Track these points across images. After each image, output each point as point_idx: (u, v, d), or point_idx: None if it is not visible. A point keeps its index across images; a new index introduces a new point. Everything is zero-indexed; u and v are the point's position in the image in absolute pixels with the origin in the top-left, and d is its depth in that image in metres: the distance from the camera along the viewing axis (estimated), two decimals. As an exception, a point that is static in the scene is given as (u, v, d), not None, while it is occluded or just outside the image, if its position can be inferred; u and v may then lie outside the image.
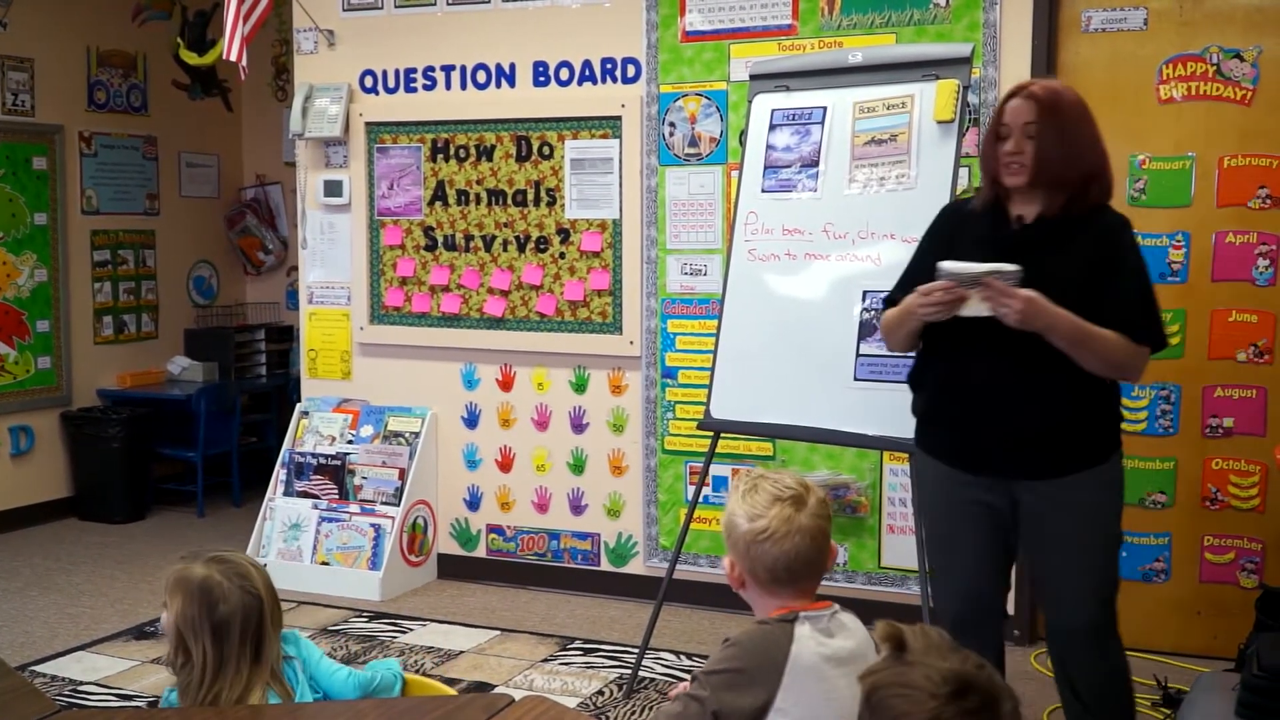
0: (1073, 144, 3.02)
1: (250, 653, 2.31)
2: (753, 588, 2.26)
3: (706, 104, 5.15)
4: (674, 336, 5.26)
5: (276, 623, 2.40)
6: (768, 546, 2.21)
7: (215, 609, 2.33)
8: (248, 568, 2.40)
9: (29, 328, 6.84)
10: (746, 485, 2.28)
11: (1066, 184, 3.03)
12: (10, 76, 6.71)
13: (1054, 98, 3.04)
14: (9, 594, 5.57)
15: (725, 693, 2.12)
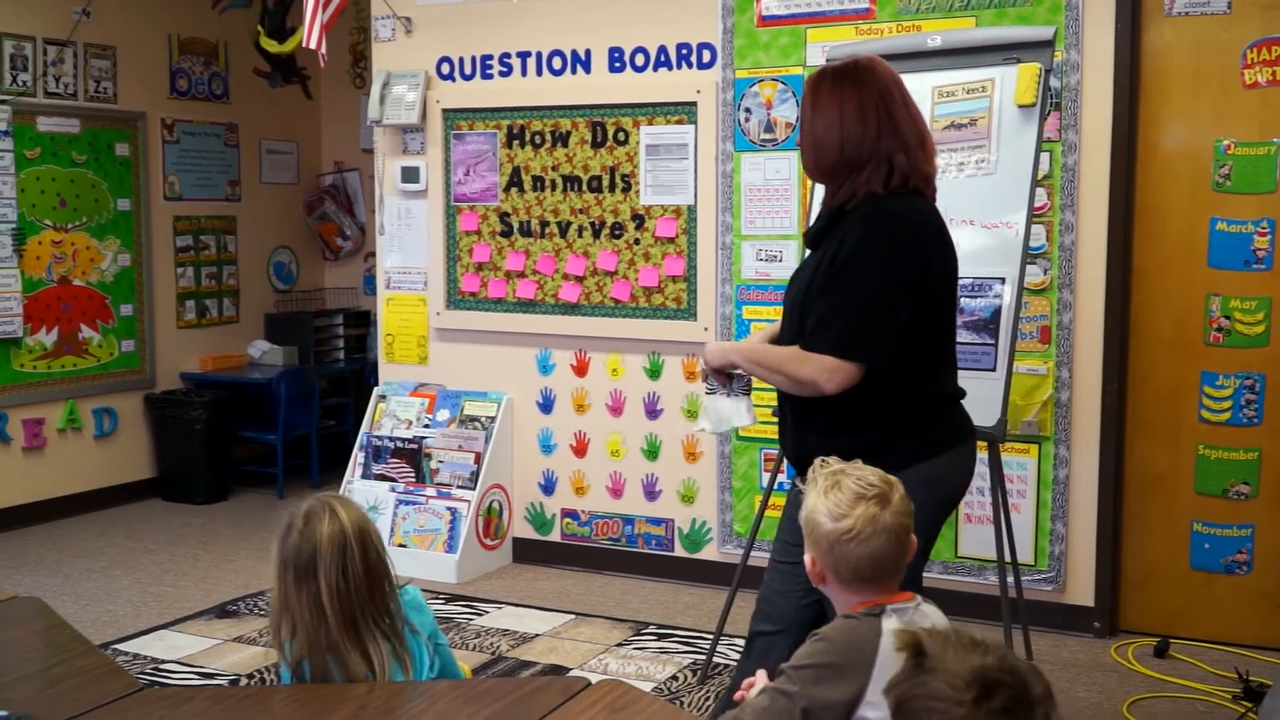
0: (820, 127, 2.84)
1: (308, 599, 2.29)
2: (834, 584, 2.24)
3: (782, 89, 5.13)
4: (748, 323, 5.25)
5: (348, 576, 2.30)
6: (853, 546, 2.18)
7: (283, 543, 2.34)
8: (325, 511, 2.34)
9: (113, 312, 6.97)
10: (828, 481, 2.25)
11: (830, 170, 2.86)
12: (94, 64, 6.83)
13: (815, 77, 2.90)
14: (93, 573, 5.69)
15: (815, 687, 2.11)
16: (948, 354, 2.97)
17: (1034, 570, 4.79)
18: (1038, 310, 4.72)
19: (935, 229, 2.87)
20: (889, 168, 2.81)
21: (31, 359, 6.54)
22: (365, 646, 2.29)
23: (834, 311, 2.76)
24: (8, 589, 4.50)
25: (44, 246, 6.57)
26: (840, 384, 2.75)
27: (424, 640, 2.41)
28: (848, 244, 2.76)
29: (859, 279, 2.74)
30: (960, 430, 2.96)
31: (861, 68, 2.87)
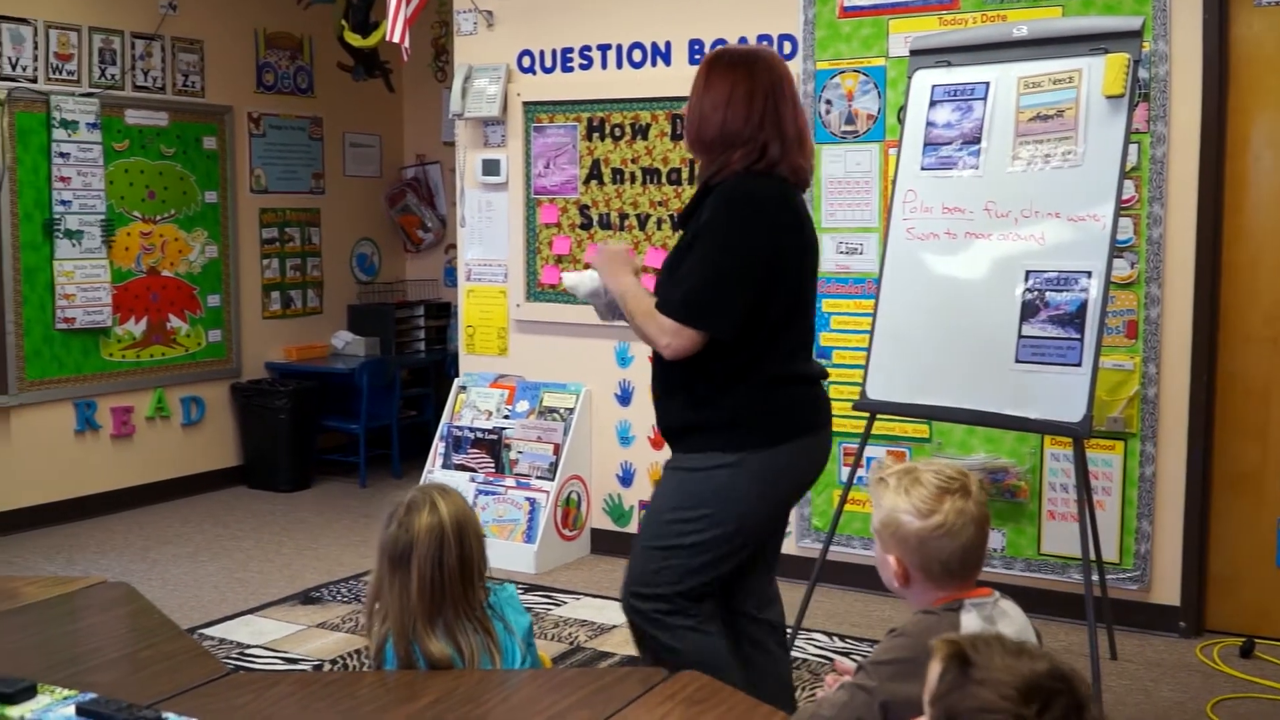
0: (714, 102, 2.93)
1: (400, 587, 2.32)
2: (921, 583, 2.21)
3: (864, 80, 5.09)
4: (829, 316, 5.22)
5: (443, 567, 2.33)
6: (945, 541, 2.16)
7: (384, 530, 2.38)
8: (427, 503, 2.36)
9: (200, 302, 7.09)
10: (904, 479, 2.22)
11: (706, 145, 2.96)
12: (181, 58, 6.95)
13: (713, 56, 3.02)
14: (180, 559, 5.80)
15: (894, 683, 2.10)
16: (803, 335, 3.05)
17: (1119, 569, 4.72)
18: (1124, 305, 4.64)
19: (791, 212, 2.95)
20: (761, 153, 2.91)
21: (120, 348, 6.67)
22: (455, 637, 2.31)
23: (681, 280, 2.86)
24: (96, 574, 4.61)
25: (133, 238, 6.70)
26: (678, 349, 2.86)
27: (518, 639, 2.43)
28: (704, 218, 2.88)
29: (707, 251, 2.84)
30: (812, 417, 3.04)
31: (760, 58, 2.99)
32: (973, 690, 1.53)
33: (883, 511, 2.23)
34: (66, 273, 6.34)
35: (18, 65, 6.13)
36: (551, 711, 2.09)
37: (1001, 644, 1.59)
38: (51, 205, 6.27)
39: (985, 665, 1.54)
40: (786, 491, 3.06)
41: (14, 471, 6.18)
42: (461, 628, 2.33)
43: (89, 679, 2.22)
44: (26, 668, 2.23)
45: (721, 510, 2.92)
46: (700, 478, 2.94)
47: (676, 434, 3.01)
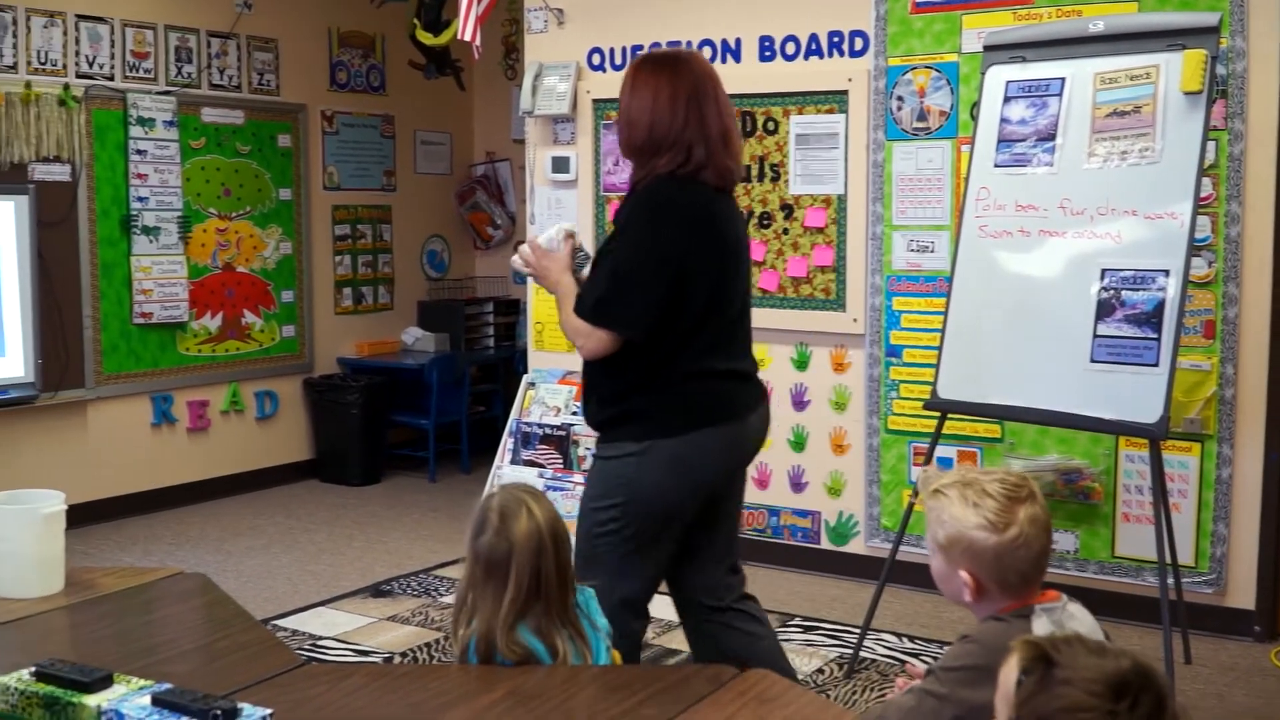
0: (640, 106, 3.00)
1: (495, 594, 2.31)
2: (996, 595, 2.16)
3: (936, 77, 5.04)
4: (899, 314, 5.18)
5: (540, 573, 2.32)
6: (1023, 552, 2.12)
7: (476, 538, 2.36)
8: (521, 509, 2.35)
9: (274, 298, 7.18)
10: (967, 491, 2.15)
11: (636, 149, 3.02)
12: (256, 57, 7.03)
13: (637, 61, 3.09)
14: (254, 551, 5.88)
15: (964, 689, 2.07)
16: (722, 334, 3.08)
17: (1194, 572, 4.64)
18: (1202, 304, 4.57)
19: (704, 215, 3.00)
20: (686, 156, 2.97)
21: (196, 343, 6.77)
22: (550, 639, 2.31)
23: (596, 283, 2.97)
24: (172, 565, 4.68)
25: (209, 234, 6.79)
26: (592, 350, 2.97)
27: (603, 636, 2.43)
28: (620, 222, 2.99)
29: (621, 254, 2.95)
30: (724, 410, 3.06)
31: (681, 60, 3.06)
32: (1060, 691, 1.51)
33: (949, 527, 2.17)
34: (144, 268, 6.45)
35: (95, 63, 6.24)
36: (620, 708, 2.10)
37: (1083, 643, 1.57)
38: (129, 202, 6.38)
39: (1070, 665, 1.52)
40: (703, 478, 3.06)
41: (91, 464, 6.29)
42: (555, 629, 2.33)
43: (165, 669, 2.26)
44: (103, 657, 2.27)
45: (626, 498, 2.99)
46: (613, 467, 3.02)
47: (599, 429, 3.10)
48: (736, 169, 3.10)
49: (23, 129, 5.88)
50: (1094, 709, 1.48)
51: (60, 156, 6.05)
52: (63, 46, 6.09)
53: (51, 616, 2.65)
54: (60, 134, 6.03)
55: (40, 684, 2.04)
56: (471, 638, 2.31)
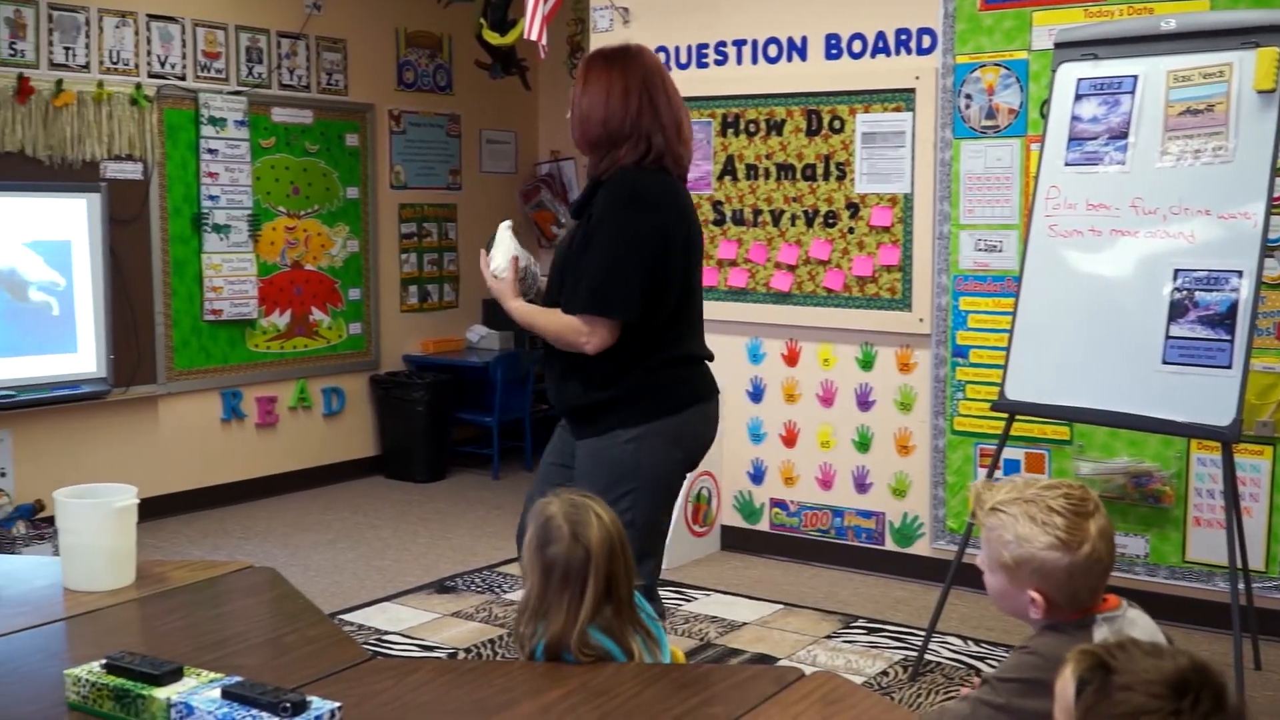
0: (594, 102, 3.09)
1: (571, 601, 2.31)
2: (1065, 610, 2.12)
3: (1005, 74, 4.99)
4: (966, 314, 5.13)
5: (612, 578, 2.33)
6: (1097, 569, 2.08)
7: (546, 547, 2.36)
8: (591, 517, 2.35)
9: (341, 296, 7.25)
10: (1031, 508, 2.10)
11: (593, 143, 3.12)
12: (325, 57, 7.11)
13: (591, 59, 3.18)
14: (321, 546, 5.94)
15: (1021, 699, 2.04)
16: (692, 319, 3.24)
17: (1265, 577, 4.56)
18: (1275, 305, 4.49)
19: (674, 202, 3.14)
20: (647, 145, 3.08)
21: (265, 340, 6.86)
22: (622, 640, 2.32)
23: (584, 276, 3.06)
24: (241, 559, 4.74)
25: (277, 232, 6.87)
26: (600, 343, 3.06)
27: (664, 627, 2.44)
28: (596, 214, 3.07)
29: (603, 245, 3.04)
30: (703, 389, 3.23)
31: (630, 54, 3.16)
32: (1121, 696, 1.50)
33: (1015, 548, 2.11)
34: (214, 266, 6.53)
35: (167, 63, 6.33)
36: (684, 707, 2.09)
37: (1138, 646, 1.56)
38: (200, 200, 6.46)
39: (1128, 669, 1.51)
40: (694, 454, 3.24)
41: (162, 458, 6.39)
42: (626, 629, 2.34)
43: (234, 662, 2.28)
44: (173, 650, 2.30)
45: (632, 485, 3.10)
46: (613, 455, 3.11)
47: (580, 415, 3.19)
48: (689, 157, 3.22)
49: (95, 128, 5.98)
50: (1157, 710, 1.47)
51: (132, 155, 6.15)
52: (134, 46, 6.19)
53: (122, 609, 2.68)
54: (132, 133, 6.13)
55: (111, 676, 2.07)
56: (540, 641, 2.31)
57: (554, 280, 3.23)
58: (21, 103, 5.68)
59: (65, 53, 5.90)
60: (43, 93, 5.76)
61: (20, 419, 5.81)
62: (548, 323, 3.15)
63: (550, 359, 3.23)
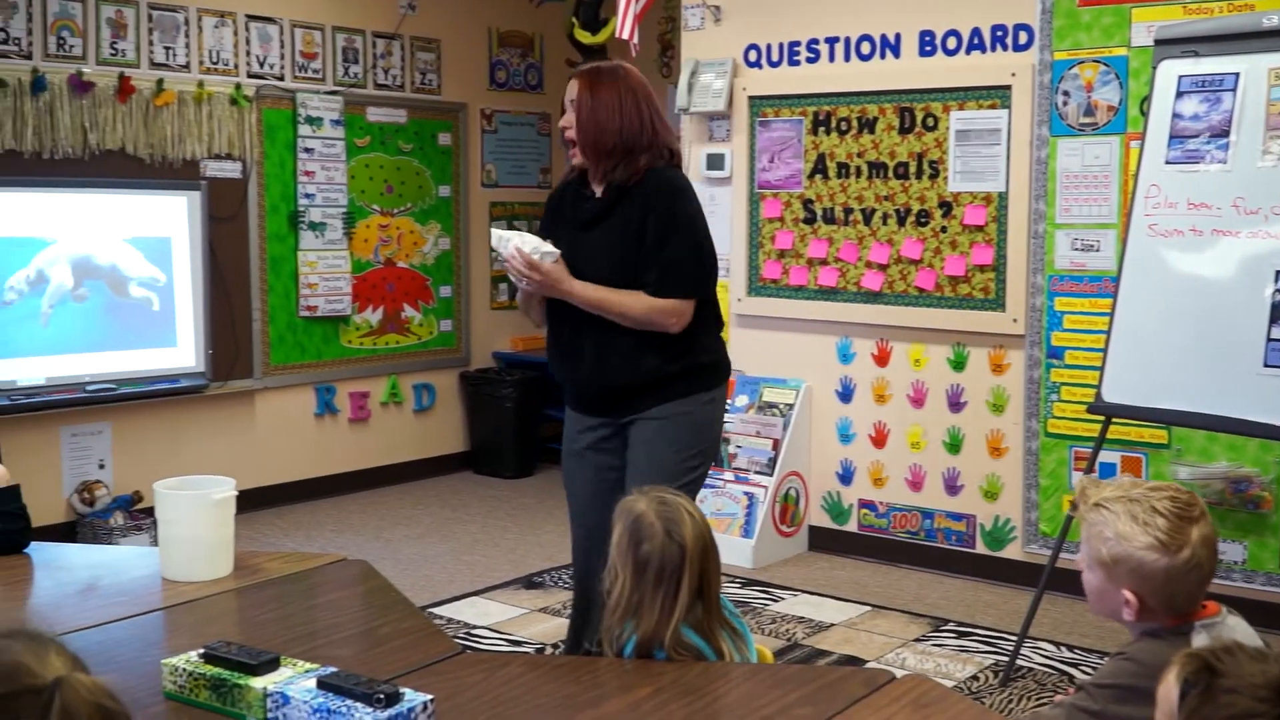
0: (604, 115, 3.32)
1: (665, 599, 2.32)
2: (1159, 614, 2.09)
3: (1104, 71, 4.91)
4: (1061, 315, 5.05)
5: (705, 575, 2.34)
6: (1194, 575, 2.04)
7: (639, 546, 2.37)
8: (683, 514, 2.37)
9: (433, 293, 7.33)
10: (1135, 508, 2.07)
11: (608, 151, 3.33)
12: (419, 57, 7.18)
13: (594, 73, 3.40)
14: (411, 540, 6.00)
15: (1117, 706, 2.01)
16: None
17: (1373, 587, 4.44)
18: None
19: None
20: (669, 151, 3.42)
21: (359, 336, 6.95)
22: (712, 639, 2.32)
23: (672, 266, 3.31)
24: (334, 551, 4.80)
25: (371, 230, 6.96)
26: (684, 323, 3.34)
27: (750, 632, 2.43)
28: (661, 209, 3.31)
29: (681, 235, 3.33)
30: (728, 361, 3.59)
31: (628, 71, 3.44)
32: (1226, 700, 1.47)
33: (1113, 545, 2.08)
34: (310, 263, 6.63)
35: (265, 63, 6.44)
36: (773, 708, 2.08)
37: (1243, 650, 1.52)
38: (296, 198, 6.57)
39: (1234, 673, 1.48)
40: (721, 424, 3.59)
41: (258, 452, 6.50)
42: (716, 628, 2.34)
43: (328, 653, 2.31)
44: (268, 640, 2.34)
45: (708, 443, 3.46)
46: (696, 417, 3.40)
47: (657, 385, 3.36)
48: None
49: (195, 127, 6.10)
50: (1263, 715, 1.44)
51: (231, 154, 6.27)
52: (234, 46, 6.30)
53: (219, 599, 2.73)
54: (231, 132, 6.25)
55: (208, 666, 2.10)
56: (631, 639, 2.32)
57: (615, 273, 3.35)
58: (122, 102, 5.81)
59: (165, 52, 6.03)
60: (143, 92, 5.89)
61: (120, 412, 5.94)
62: (632, 305, 3.32)
63: (609, 339, 3.36)
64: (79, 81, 5.65)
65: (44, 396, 5.60)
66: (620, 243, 3.34)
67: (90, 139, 5.72)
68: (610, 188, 3.36)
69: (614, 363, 3.37)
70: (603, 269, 3.34)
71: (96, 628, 2.51)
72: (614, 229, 3.35)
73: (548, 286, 3.35)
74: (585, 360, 3.41)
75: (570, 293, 3.33)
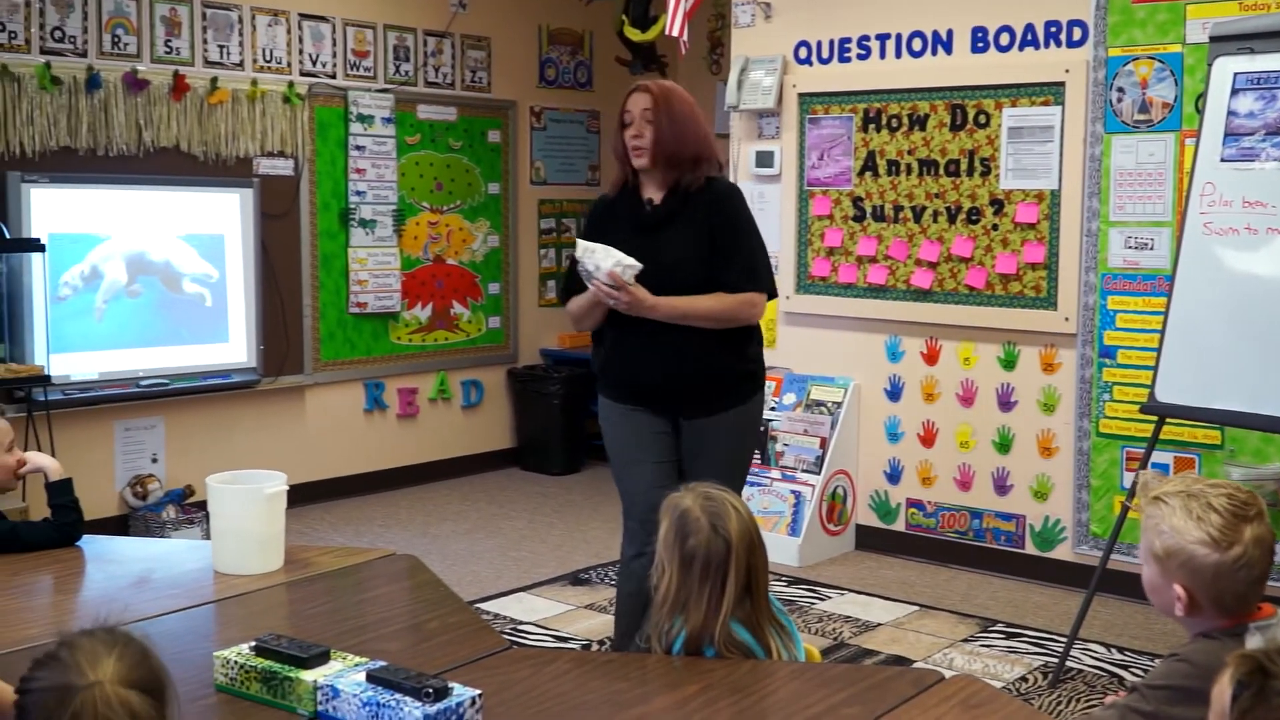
0: (682, 128, 3.56)
1: (712, 593, 2.32)
2: (1209, 612, 2.07)
3: (1159, 68, 4.85)
4: (1114, 314, 5.00)
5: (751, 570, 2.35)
6: (1244, 574, 2.02)
7: (685, 540, 2.37)
8: (728, 509, 2.38)
9: (481, 290, 7.36)
10: (1191, 503, 2.05)
11: (680, 163, 3.56)
12: (469, 55, 7.21)
13: (666, 90, 3.61)
14: (458, 535, 6.03)
15: (1171, 707, 1.99)
16: None
17: None
18: None
19: None
20: (718, 162, 3.74)
21: (408, 332, 6.99)
22: (761, 635, 2.33)
23: (751, 263, 3.59)
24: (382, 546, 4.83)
25: (420, 227, 7.00)
26: (761, 314, 3.64)
27: (798, 631, 2.43)
28: (727, 212, 3.60)
29: (755, 236, 3.64)
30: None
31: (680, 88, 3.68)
32: (1279, 702, 1.46)
33: (1167, 538, 2.07)
34: (360, 260, 6.68)
35: (318, 61, 6.49)
36: (821, 706, 2.08)
37: None
38: (347, 195, 6.61)
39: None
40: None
41: (308, 447, 6.55)
42: (764, 625, 2.34)
43: (377, 647, 2.33)
44: (318, 634, 2.36)
45: (757, 438, 3.95)
46: (754, 414, 3.73)
47: (727, 387, 3.62)
48: None
49: (249, 124, 6.15)
50: None
51: (284, 151, 6.32)
52: (286, 45, 6.35)
53: (270, 593, 2.76)
54: (284, 130, 6.30)
55: (259, 658, 2.12)
56: (680, 634, 2.32)
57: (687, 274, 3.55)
58: (177, 99, 5.87)
59: (219, 50, 6.08)
60: (197, 89, 5.95)
61: (172, 406, 6.01)
62: (714, 305, 3.54)
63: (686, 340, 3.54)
64: (134, 79, 5.72)
65: (98, 391, 5.67)
66: (693, 243, 3.56)
67: (145, 136, 5.78)
68: (674, 195, 3.58)
69: (689, 367, 3.57)
70: (673, 268, 3.53)
71: (149, 620, 2.54)
72: (683, 231, 3.56)
73: (634, 306, 3.48)
74: (660, 364, 3.58)
75: (655, 308, 3.49)
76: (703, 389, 3.59)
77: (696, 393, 3.60)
